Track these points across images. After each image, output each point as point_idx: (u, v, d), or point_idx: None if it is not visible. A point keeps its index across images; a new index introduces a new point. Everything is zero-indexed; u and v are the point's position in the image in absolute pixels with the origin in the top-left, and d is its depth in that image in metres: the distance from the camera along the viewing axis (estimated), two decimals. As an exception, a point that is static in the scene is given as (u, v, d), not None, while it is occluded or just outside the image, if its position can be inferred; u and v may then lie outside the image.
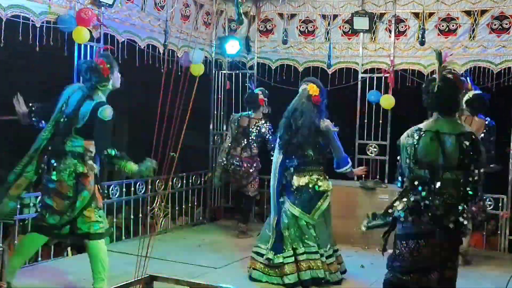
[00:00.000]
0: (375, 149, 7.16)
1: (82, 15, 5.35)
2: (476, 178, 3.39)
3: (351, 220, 6.33)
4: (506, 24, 6.52)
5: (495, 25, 6.57)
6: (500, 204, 6.48)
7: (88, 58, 5.60)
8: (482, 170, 3.46)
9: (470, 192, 3.38)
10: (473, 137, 3.42)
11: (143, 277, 3.13)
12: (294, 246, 4.77)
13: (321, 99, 4.81)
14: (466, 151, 3.36)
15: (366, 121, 7.15)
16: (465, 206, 3.42)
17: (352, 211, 6.41)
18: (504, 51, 6.56)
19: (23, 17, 5.01)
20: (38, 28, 5.10)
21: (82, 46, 5.55)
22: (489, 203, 6.47)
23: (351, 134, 7.24)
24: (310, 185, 4.76)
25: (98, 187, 4.31)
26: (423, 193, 3.44)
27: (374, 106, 7.04)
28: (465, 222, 3.43)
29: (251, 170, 6.76)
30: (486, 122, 5.64)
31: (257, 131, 6.75)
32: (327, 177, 4.90)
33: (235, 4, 6.26)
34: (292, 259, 4.76)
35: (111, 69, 4.28)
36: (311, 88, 4.82)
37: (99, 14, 5.69)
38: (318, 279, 4.74)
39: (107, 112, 4.13)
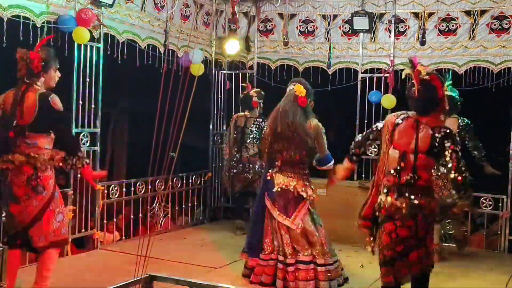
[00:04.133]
0: (375, 149, 7.15)
1: (82, 15, 5.35)
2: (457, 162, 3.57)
3: (350, 220, 6.29)
4: (506, 24, 6.52)
5: (495, 25, 6.58)
6: (500, 204, 6.49)
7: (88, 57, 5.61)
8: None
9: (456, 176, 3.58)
10: (447, 131, 3.62)
11: (143, 277, 3.13)
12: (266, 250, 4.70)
13: (307, 101, 4.74)
14: (436, 142, 3.58)
15: (366, 121, 7.15)
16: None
17: (351, 211, 6.33)
18: (504, 51, 6.56)
19: (23, 17, 5.02)
20: (38, 28, 5.11)
21: (82, 46, 5.56)
22: (489, 203, 6.49)
23: (351, 134, 7.23)
24: (291, 189, 4.65)
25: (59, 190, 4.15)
26: (396, 177, 3.64)
27: (374, 106, 7.04)
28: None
29: (256, 167, 6.77)
30: (459, 121, 5.73)
31: (256, 129, 6.78)
32: (311, 182, 4.78)
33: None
34: (263, 261, 4.69)
35: (45, 67, 3.99)
36: (297, 88, 4.75)
37: (99, 14, 5.70)
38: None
39: (56, 101, 3.94)
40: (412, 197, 3.57)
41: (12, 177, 3.94)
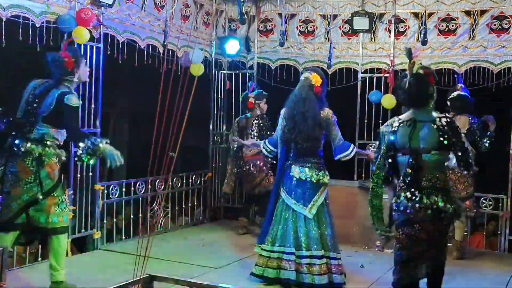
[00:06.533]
0: (375, 149, 7.14)
1: (82, 15, 5.35)
2: (462, 155, 3.56)
3: (351, 220, 6.35)
4: (506, 24, 6.52)
5: (494, 25, 6.57)
6: (500, 204, 6.48)
7: (88, 55, 5.63)
8: (468, 149, 3.61)
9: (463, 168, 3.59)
10: (448, 120, 3.59)
11: (143, 277, 3.13)
12: (273, 241, 4.69)
13: (322, 90, 4.76)
14: (443, 132, 3.53)
15: (366, 121, 7.15)
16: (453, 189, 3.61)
17: (352, 211, 6.41)
18: (503, 51, 6.56)
19: (23, 17, 5.02)
20: (38, 28, 5.10)
21: (82, 46, 5.56)
22: (489, 203, 6.49)
23: (351, 134, 7.24)
24: (309, 177, 4.68)
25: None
26: (410, 179, 3.57)
27: (374, 106, 7.04)
28: (453, 207, 3.59)
29: (260, 166, 6.75)
30: (470, 120, 5.76)
31: (257, 128, 6.78)
32: (326, 171, 4.80)
33: (238, 3, 6.28)
34: (267, 253, 4.69)
35: (77, 63, 4.30)
36: (314, 77, 4.74)
37: (99, 14, 5.70)
38: (285, 279, 4.63)
39: (73, 99, 4.16)
40: (433, 201, 3.53)
41: (18, 161, 4.13)
